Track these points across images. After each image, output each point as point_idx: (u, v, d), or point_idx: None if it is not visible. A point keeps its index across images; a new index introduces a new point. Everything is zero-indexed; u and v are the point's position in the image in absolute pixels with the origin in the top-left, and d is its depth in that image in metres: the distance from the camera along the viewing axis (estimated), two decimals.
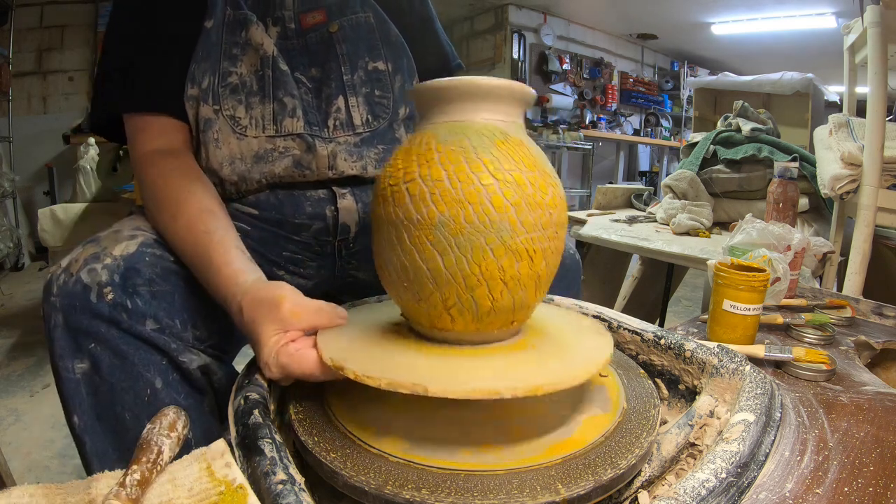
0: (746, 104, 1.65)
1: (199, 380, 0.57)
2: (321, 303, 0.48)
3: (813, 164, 1.40)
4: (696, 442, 0.45)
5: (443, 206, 0.39)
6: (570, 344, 0.47)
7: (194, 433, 0.53)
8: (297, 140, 0.69)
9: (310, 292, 0.75)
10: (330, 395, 0.47)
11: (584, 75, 5.42)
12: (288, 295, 0.47)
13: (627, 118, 5.77)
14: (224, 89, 0.66)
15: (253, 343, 0.47)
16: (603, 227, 1.50)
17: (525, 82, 0.46)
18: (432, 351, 0.44)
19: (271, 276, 0.71)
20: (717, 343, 0.55)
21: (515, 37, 4.76)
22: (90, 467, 0.52)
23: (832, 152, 1.26)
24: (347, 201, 0.72)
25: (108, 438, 0.52)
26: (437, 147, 0.41)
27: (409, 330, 0.48)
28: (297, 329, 0.46)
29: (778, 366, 0.60)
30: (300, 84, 0.70)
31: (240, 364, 0.56)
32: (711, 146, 1.58)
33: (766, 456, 0.40)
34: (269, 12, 0.70)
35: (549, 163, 0.45)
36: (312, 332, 0.47)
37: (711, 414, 0.46)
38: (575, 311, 0.59)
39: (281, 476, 0.34)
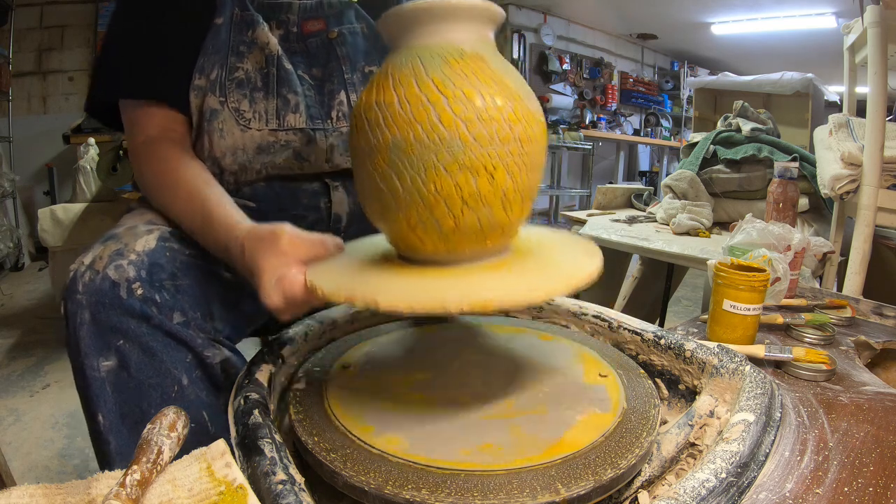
0: (746, 104, 1.65)
1: (219, 376, 0.58)
2: (319, 235, 0.50)
3: (813, 164, 1.40)
4: (696, 442, 0.45)
5: (394, 128, 0.40)
6: (553, 266, 0.45)
7: (215, 430, 0.54)
8: (299, 134, 0.72)
9: None
10: (330, 395, 0.47)
11: (584, 75, 5.41)
12: (287, 229, 0.49)
13: (627, 118, 5.77)
14: (231, 83, 0.69)
15: (255, 276, 0.48)
16: (603, 227, 1.50)
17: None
18: (405, 271, 0.45)
19: None
20: (717, 343, 0.55)
21: (515, 37, 4.75)
22: (112, 467, 0.52)
23: (832, 152, 1.26)
24: (340, 193, 0.76)
25: (132, 437, 0.52)
26: (391, 73, 0.42)
27: (398, 256, 0.48)
28: (297, 259, 0.47)
29: (778, 366, 0.60)
30: (303, 81, 0.73)
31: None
32: (711, 146, 1.58)
33: (766, 456, 0.40)
34: (273, 16, 0.74)
35: (519, 77, 0.44)
36: None
37: (711, 414, 0.47)
38: (581, 238, 0.55)
39: (281, 476, 0.34)
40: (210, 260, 0.63)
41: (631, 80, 5.83)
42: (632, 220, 1.59)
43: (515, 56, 4.75)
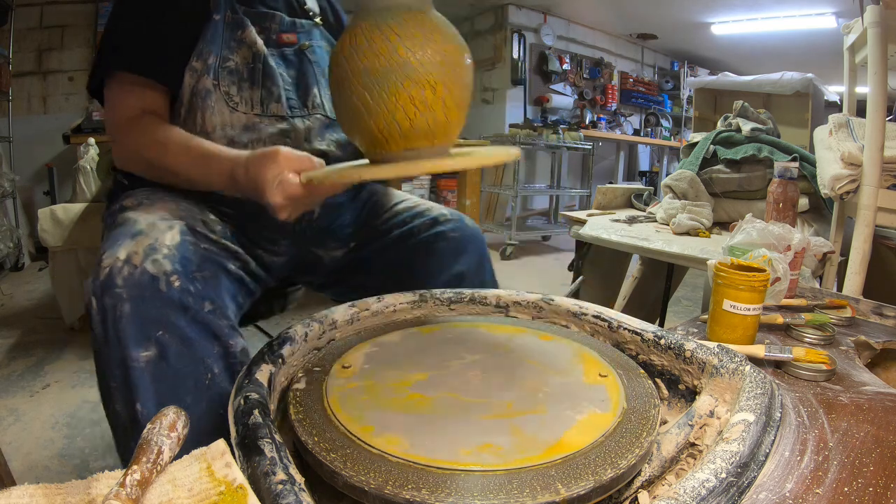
0: (746, 104, 1.65)
1: (238, 365, 0.60)
2: (307, 154, 0.62)
3: (813, 164, 1.40)
4: (696, 442, 0.45)
5: (365, 59, 0.54)
6: (483, 154, 0.63)
7: None
8: (281, 119, 0.82)
9: (281, 268, 0.88)
10: (330, 395, 0.47)
11: (584, 75, 5.41)
12: (282, 147, 0.61)
13: (627, 118, 5.76)
14: (223, 70, 0.79)
15: (258, 187, 0.59)
16: (603, 227, 1.50)
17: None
18: (377, 164, 0.59)
19: (252, 254, 0.82)
20: (717, 343, 0.55)
21: (515, 37, 4.74)
22: None
23: (832, 152, 1.26)
24: None
25: None
26: (360, 24, 0.56)
27: (372, 163, 0.61)
28: (291, 168, 0.59)
29: (778, 366, 0.60)
30: (283, 78, 0.84)
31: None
32: (711, 146, 1.57)
33: (766, 456, 0.40)
34: (257, 22, 0.84)
35: (451, 26, 0.58)
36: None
37: (711, 414, 0.47)
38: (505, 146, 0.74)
39: (281, 476, 0.34)
40: (219, 253, 0.69)
41: (631, 80, 5.83)
42: (632, 220, 1.59)
43: (515, 56, 4.74)
